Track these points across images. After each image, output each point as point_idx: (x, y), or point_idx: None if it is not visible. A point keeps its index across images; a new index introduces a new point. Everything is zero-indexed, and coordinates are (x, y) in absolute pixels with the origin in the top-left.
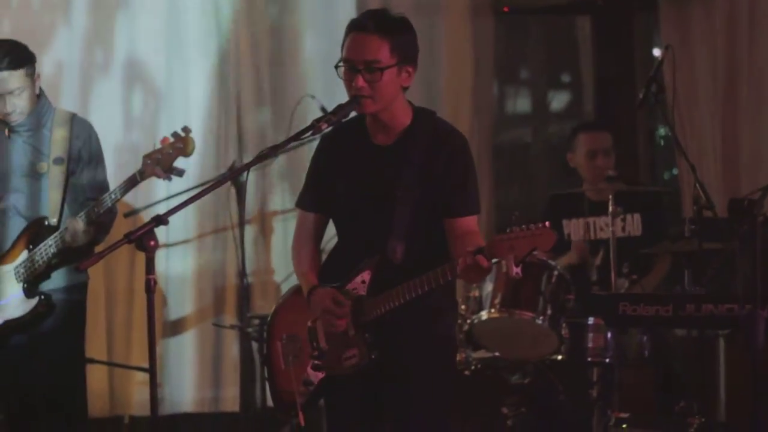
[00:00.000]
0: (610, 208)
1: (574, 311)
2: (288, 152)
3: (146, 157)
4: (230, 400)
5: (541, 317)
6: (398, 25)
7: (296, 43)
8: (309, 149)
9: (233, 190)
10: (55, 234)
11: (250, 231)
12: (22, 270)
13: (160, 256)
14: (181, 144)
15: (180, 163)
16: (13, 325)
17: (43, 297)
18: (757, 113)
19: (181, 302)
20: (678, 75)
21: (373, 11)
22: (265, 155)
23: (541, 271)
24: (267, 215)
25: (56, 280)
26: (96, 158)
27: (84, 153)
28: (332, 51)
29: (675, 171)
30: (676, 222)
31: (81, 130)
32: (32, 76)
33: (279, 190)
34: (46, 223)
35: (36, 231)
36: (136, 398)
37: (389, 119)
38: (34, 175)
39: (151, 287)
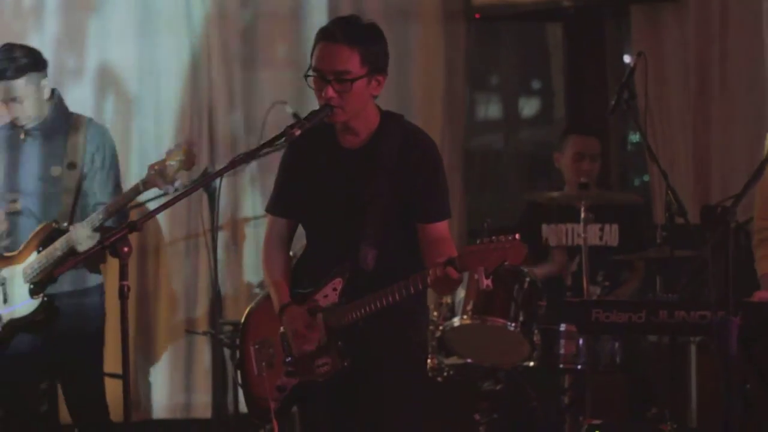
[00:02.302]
0: (582, 215)
1: (546, 318)
2: (259, 158)
3: (151, 167)
4: (202, 406)
5: (513, 324)
6: (368, 35)
7: (268, 48)
8: (281, 155)
9: (205, 197)
10: (61, 238)
11: (222, 237)
12: (29, 271)
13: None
14: (184, 156)
15: None
16: (16, 324)
17: (45, 299)
18: (728, 120)
19: (153, 308)
20: (650, 82)
21: (343, 19)
22: (238, 161)
23: (514, 277)
24: (239, 221)
25: (63, 284)
26: (109, 163)
27: (97, 158)
28: (304, 56)
29: (646, 177)
30: (648, 229)
31: (95, 134)
32: (38, 83)
33: (250, 197)
34: (57, 226)
35: (47, 234)
36: (108, 404)
37: (358, 125)
38: (48, 178)
39: (124, 293)
